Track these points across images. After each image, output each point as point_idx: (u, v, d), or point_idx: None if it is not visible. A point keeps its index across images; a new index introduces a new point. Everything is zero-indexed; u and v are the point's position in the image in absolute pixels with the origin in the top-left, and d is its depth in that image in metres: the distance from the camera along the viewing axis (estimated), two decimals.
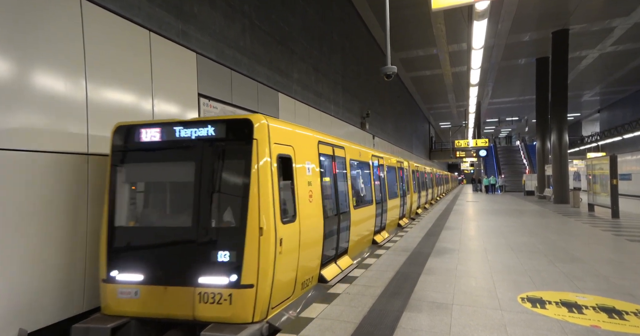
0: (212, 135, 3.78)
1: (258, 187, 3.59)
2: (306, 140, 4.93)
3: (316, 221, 4.79)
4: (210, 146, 3.79)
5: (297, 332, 3.46)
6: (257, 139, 3.69)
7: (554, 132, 18.62)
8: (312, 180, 4.82)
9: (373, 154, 8.87)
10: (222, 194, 3.79)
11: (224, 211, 3.79)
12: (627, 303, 4.08)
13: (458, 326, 3.49)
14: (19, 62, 3.63)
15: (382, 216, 8.96)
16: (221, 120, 3.84)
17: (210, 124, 3.81)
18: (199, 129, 3.82)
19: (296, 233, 4.15)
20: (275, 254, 3.65)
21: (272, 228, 3.61)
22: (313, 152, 5.06)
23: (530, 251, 6.86)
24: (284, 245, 3.81)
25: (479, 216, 13.19)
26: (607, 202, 12.18)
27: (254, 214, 3.55)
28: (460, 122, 44.33)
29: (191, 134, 3.84)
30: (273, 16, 9.05)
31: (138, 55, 5.08)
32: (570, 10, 15.68)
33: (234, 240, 3.56)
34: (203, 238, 3.65)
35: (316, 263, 4.84)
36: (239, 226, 3.57)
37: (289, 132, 4.40)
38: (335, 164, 5.94)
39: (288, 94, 9.65)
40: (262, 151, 3.70)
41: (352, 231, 6.37)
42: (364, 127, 16.64)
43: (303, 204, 4.44)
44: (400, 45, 19.92)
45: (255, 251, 3.50)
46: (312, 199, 4.73)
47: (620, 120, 35.45)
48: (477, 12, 10.36)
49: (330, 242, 5.35)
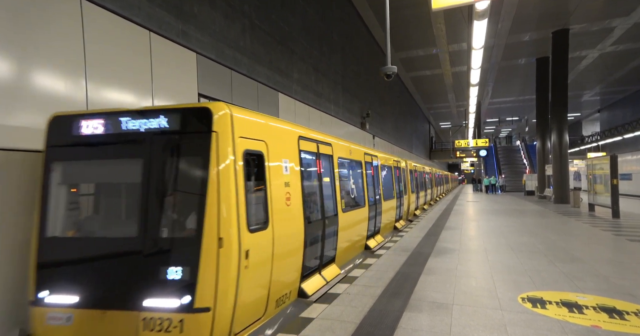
0: (165, 127, 3.20)
1: (218, 189, 3.03)
2: (283, 135, 4.36)
3: (295, 227, 4.26)
4: (162, 141, 3.21)
5: (297, 332, 3.46)
6: (217, 132, 3.12)
7: (554, 132, 18.62)
8: (291, 181, 4.29)
9: (366, 152, 8.32)
10: (174, 198, 3.25)
11: (176, 219, 3.26)
12: (628, 303, 4.08)
13: (458, 326, 3.49)
14: (19, 61, 3.63)
15: (376, 219, 8.39)
16: (175, 109, 3.26)
17: (162, 114, 3.21)
18: (148, 120, 3.23)
19: (268, 242, 3.61)
20: (239, 270, 3.08)
21: (234, 237, 3.05)
22: (292, 149, 4.51)
23: (530, 251, 6.86)
24: (252, 258, 3.25)
25: (479, 216, 13.18)
26: (607, 202, 12.18)
27: (212, 221, 2.99)
28: (460, 122, 44.31)
29: (140, 126, 3.25)
30: (273, 16, 9.04)
31: (138, 55, 5.08)
32: (570, 10, 15.68)
33: (188, 253, 2.99)
34: (150, 250, 3.07)
35: (295, 275, 4.30)
36: (194, 236, 2.99)
37: (260, 125, 3.83)
38: (320, 162, 5.38)
39: (288, 94, 9.65)
40: (223, 146, 3.12)
41: (340, 237, 5.82)
42: (364, 127, 16.64)
43: (278, 209, 3.89)
44: (400, 45, 19.91)
45: (212, 266, 2.93)
46: (291, 202, 4.19)
47: (620, 120, 35.43)
48: (477, 12, 10.36)
49: (313, 250, 4.82)
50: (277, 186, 3.96)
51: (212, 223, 2.99)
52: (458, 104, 36.61)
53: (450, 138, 46.59)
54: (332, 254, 5.61)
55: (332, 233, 5.54)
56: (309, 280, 4.71)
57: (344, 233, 6.05)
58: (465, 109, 33.28)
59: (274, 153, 3.99)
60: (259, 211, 3.61)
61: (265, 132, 3.89)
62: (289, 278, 4.14)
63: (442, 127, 54.94)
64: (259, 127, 3.77)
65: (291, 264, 4.17)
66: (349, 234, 6.37)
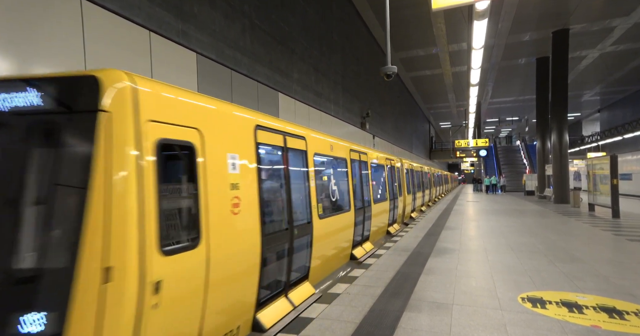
0: (37, 105, 2.26)
1: (107, 194, 2.11)
2: (230, 122, 3.38)
3: (246, 242, 3.33)
4: (31, 124, 2.31)
5: (297, 332, 3.46)
6: (109, 113, 2.18)
7: (554, 132, 18.62)
8: (242, 182, 3.33)
9: (353, 148, 7.28)
10: (40, 211, 2.22)
11: (41, 241, 2.21)
12: (628, 303, 4.08)
13: (458, 326, 3.49)
14: (19, 60, 3.63)
15: (365, 225, 7.48)
16: (50, 78, 2.31)
17: (32, 86, 2.27)
18: (14, 95, 2.28)
19: (199, 266, 2.68)
20: (142, 311, 2.17)
21: (132, 265, 2.13)
22: (245, 142, 3.53)
23: (530, 251, 6.86)
24: (166, 292, 2.35)
25: (479, 216, 13.18)
26: (607, 202, 12.18)
27: (95, 243, 2.05)
28: (460, 122, 44.31)
29: (2, 104, 2.29)
30: (273, 16, 9.05)
31: (138, 55, 5.08)
32: (570, 10, 15.68)
33: (55, 292, 2.05)
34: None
35: (246, 304, 3.40)
36: (65, 265, 2.05)
37: (190, 106, 2.84)
38: (287, 159, 4.42)
39: (288, 94, 9.65)
40: (119, 132, 2.20)
41: (315, 249, 4.91)
42: (364, 127, 16.64)
43: (219, 219, 2.95)
44: (400, 45, 19.91)
45: (91, 310, 2.01)
46: (240, 210, 3.25)
47: (620, 120, 35.43)
48: (477, 12, 10.36)
49: (274, 269, 3.95)
50: (218, 189, 3.00)
51: (94, 245, 2.05)
52: (458, 104, 36.61)
53: (450, 138, 46.59)
54: (303, 271, 4.74)
55: (304, 244, 4.68)
56: (269, 307, 3.79)
57: (322, 243, 5.18)
58: (465, 109, 33.29)
59: (214, 145, 3.02)
60: (184, 223, 2.71)
61: (200, 117, 2.91)
62: (236, 309, 3.24)
63: (442, 127, 54.95)
64: (187, 110, 2.80)
65: (240, 291, 3.28)
66: (329, 244, 5.51)
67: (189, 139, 2.76)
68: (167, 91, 2.67)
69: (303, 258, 4.70)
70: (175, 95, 2.74)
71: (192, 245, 2.66)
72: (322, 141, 5.75)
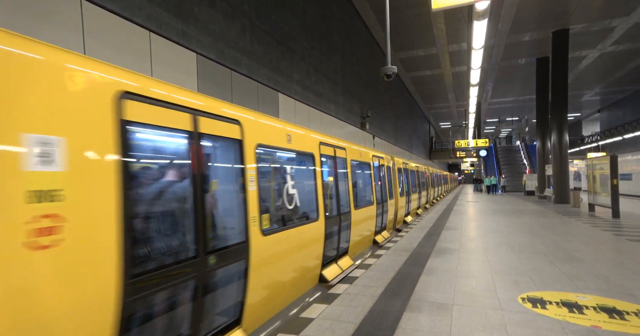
0: None
1: None
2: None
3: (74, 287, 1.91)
4: None
5: (297, 332, 3.46)
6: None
7: (554, 132, 18.62)
8: (69, 186, 1.91)
9: (323, 141, 5.84)
10: None
11: None
12: (628, 303, 4.07)
13: (458, 327, 3.49)
14: None
15: (340, 236, 6.11)
16: None
17: None
18: None
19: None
20: None
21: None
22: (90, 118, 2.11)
23: (530, 251, 6.86)
24: None
25: (480, 216, 13.18)
26: (607, 202, 12.18)
27: None
28: (460, 122, 44.32)
29: None
30: (273, 16, 9.05)
31: (138, 55, 5.08)
32: (570, 10, 15.68)
33: None
34: None
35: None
36: None
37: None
38: (200, 153, 2.96)
39: (288, 94, 9.65)
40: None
41: (255, 277, 3.49)
42: (364, 128, 16.64)
43: None
44: (400, 45, 19.91)
45: None
46: (63, 241, 1.84)
47: (620, 120, 35.43)
48: (477, 12, 10.36)
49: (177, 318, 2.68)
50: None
51: None
52: (458, 104, 36.61)
53: (450, 138, 46.61)
54: (231, 317, 3.27)
55: (232, 275, 3.29)
56: None
57: (268, 268, 3.80)
58: (465, 109, 33.27)
59: None
60: None
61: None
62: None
63: (442, 127, 54.94)
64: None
65: None
66: (280, 268, 4.08)
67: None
68: None
69: (231, 296, 3.28)
70: None
71: None
72: (272, 128, 4.26)
